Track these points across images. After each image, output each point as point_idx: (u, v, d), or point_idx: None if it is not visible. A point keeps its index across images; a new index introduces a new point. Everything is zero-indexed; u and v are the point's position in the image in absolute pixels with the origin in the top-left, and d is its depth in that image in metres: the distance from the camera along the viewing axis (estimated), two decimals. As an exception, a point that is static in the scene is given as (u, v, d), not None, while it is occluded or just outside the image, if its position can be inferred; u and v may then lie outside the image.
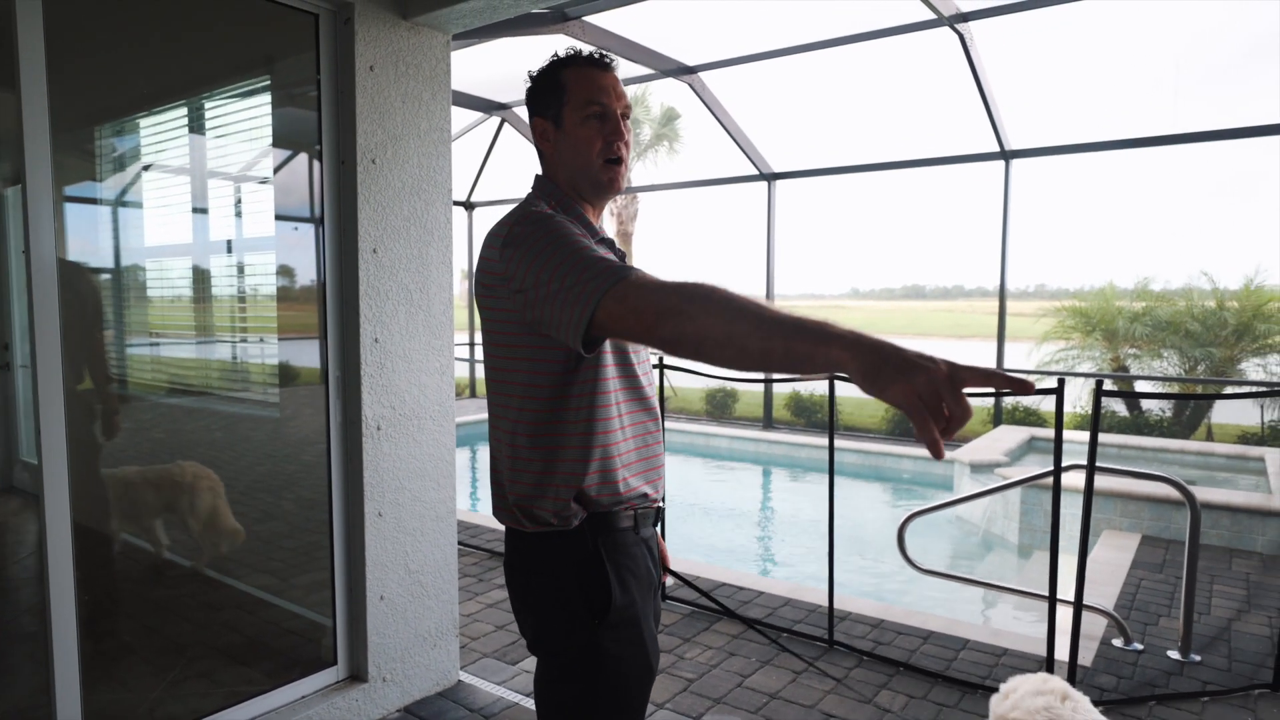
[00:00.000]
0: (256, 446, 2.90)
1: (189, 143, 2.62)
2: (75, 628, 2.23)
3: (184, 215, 2.61)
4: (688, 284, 1.09)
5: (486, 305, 1.39)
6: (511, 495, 1.40)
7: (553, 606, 1.39)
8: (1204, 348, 8.75)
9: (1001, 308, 7.98)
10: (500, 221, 1.40)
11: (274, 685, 2.71)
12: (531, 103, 1.48)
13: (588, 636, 1.36)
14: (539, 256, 1.25)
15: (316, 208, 2.74)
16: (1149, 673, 3.23)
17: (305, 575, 2.91)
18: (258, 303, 2.79)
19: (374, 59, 2.72)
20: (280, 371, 2.86)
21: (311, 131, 2.72)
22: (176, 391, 2.69)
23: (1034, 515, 5.60)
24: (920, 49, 7.27)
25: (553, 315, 1.22)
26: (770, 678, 3.20)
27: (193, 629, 2.71)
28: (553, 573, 1.39)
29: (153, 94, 2.54)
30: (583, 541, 1.38)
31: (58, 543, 2.18)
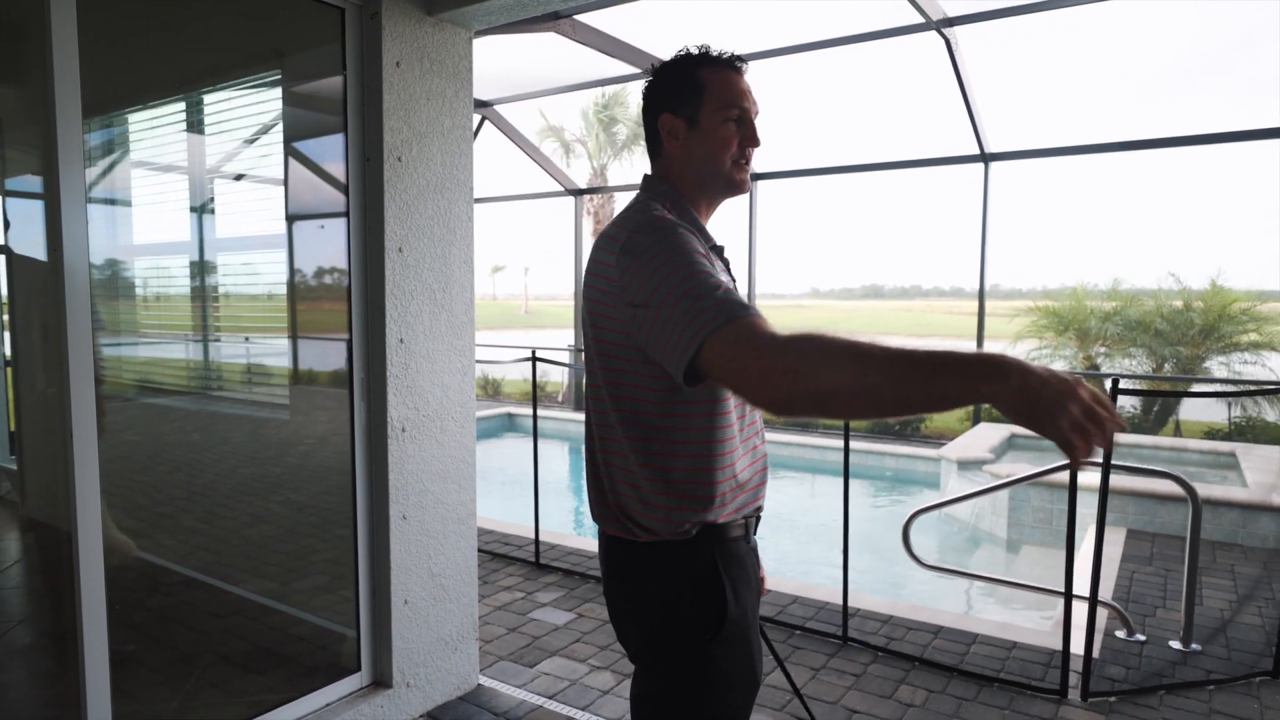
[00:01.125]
0: (268, 449, 2.84)
1: (200, 138, 2.55)
2: (107, 644, 2.16)
3: (197, 212, 2.54)
4: (800, 337, 1.03)
5: (597, 310, 1.33)
6: (621, 504, 1.37)
7: (665, 618, 1.35)
8: (1172, 346, 9.03)
9: (981, 307, 8.13)
10: (618, 224, 1.35)
11: (298, 694, 2.66)
12: (659, 98, 1.42)
13: (700, 649, 1.32)
14: (656, 273, 1.20)
15: (338, 205, 2.69)
16: (1155, 663, 3.32)
17: (319, 580, 2.86)
18: (276, 302, 2.73)
19: (400, 55, 2.68)
20: (296, 373, 2.80)
21: (335, 126, 2.67)
22: (186, 393, 2.61)
23: (1022, 511, 5.72)
24: (904, 53, 7.37)
25: (659, 340, 1.19)
26: (791, 675, 3.22)
27: (208, 639, 2.64)
28: (666, 584, 1.35)
29: (174, 87, 2.47)
30: (698, 552, 1.34)
31: (89, 558, 2.11)
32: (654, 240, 1.24)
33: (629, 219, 1.34)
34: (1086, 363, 9.70)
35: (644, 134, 1.51)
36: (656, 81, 1.44)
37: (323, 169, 2.73)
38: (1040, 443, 7.47)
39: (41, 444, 2.35)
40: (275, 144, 2.66)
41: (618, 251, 1.28)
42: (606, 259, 1.30)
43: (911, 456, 8.10)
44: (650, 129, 1.46)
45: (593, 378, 1.41)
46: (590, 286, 1.36)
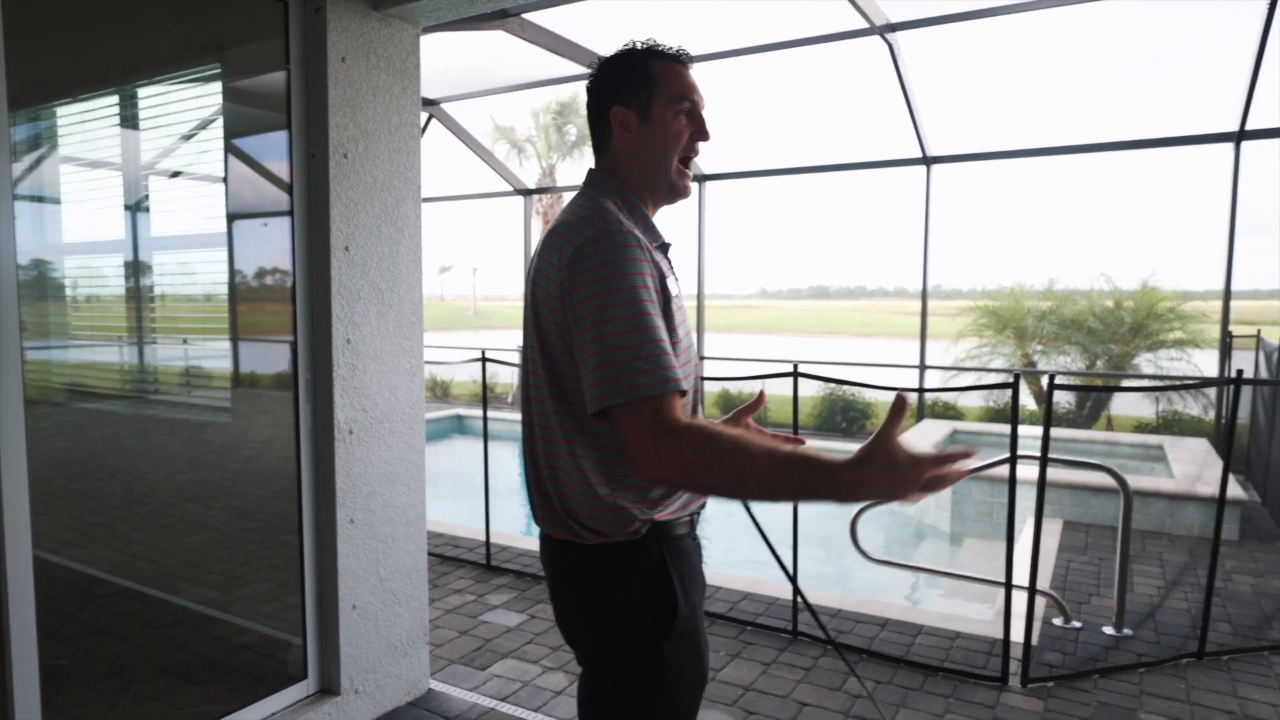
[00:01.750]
0: (209, 454, 2.76)
1: (136, 133, 2.47)
2: (36, 659, 2.08)
3: (133, 210, 2.45)
4: (697, 443, 1.12)
5: (541, 305, 1.32)
6: (567, 506, 1.35)
7: (616, 619, 1.34)
8: (1104, 344, 9.39)
9: (924, 306, 8.33)
10: (572, 224, 1.31)
11: (241, 704, 2.59)
12: (610, 91, 1.40)
13: (652, 648, 1.32)
14: (599, 299, 1.20)
15: (282, 202, 2.63)
16: (1089, 648, 3.45)
17: (264, 586, 2.79)
18: (216, 302, 2.66)
19: (345, 50, 2.63)
20: (238, 375, 2.73)
21: (278, 123, 2.62)
22: (122, 397, 2.53)
23: (964, 505, 5.88)
24: (849, 57, 7.51)
25: (583, 366, 1.23)
26: (741, 670, 3.26)
27: (147, 651, 2.56)
28: (616, 585, 1.34)
29: (109, 79, 2.39)
30: (647, 551, 1.34)
31: (18, 570, 2.03)
32: (605, 261, 1.22)
33: (584, 221, 1.29)
34: (1024, 360, 10.02)
35: (590, 122, 1.48)
36: (606, 74, 1.42)
37: (265, 166, 2.67)
38: (980, 438, 7.68)
39: None
40: (216, 140, 2.59)
41: (570, 256, 1.26)
42: (555, 259, 1.29)
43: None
44: (600, 122, 1.43)
45: (534, 375, 1.38)
46: (537, 282, 1.34)
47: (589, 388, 1.20)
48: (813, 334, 48.17)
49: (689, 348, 1.35)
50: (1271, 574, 4.43)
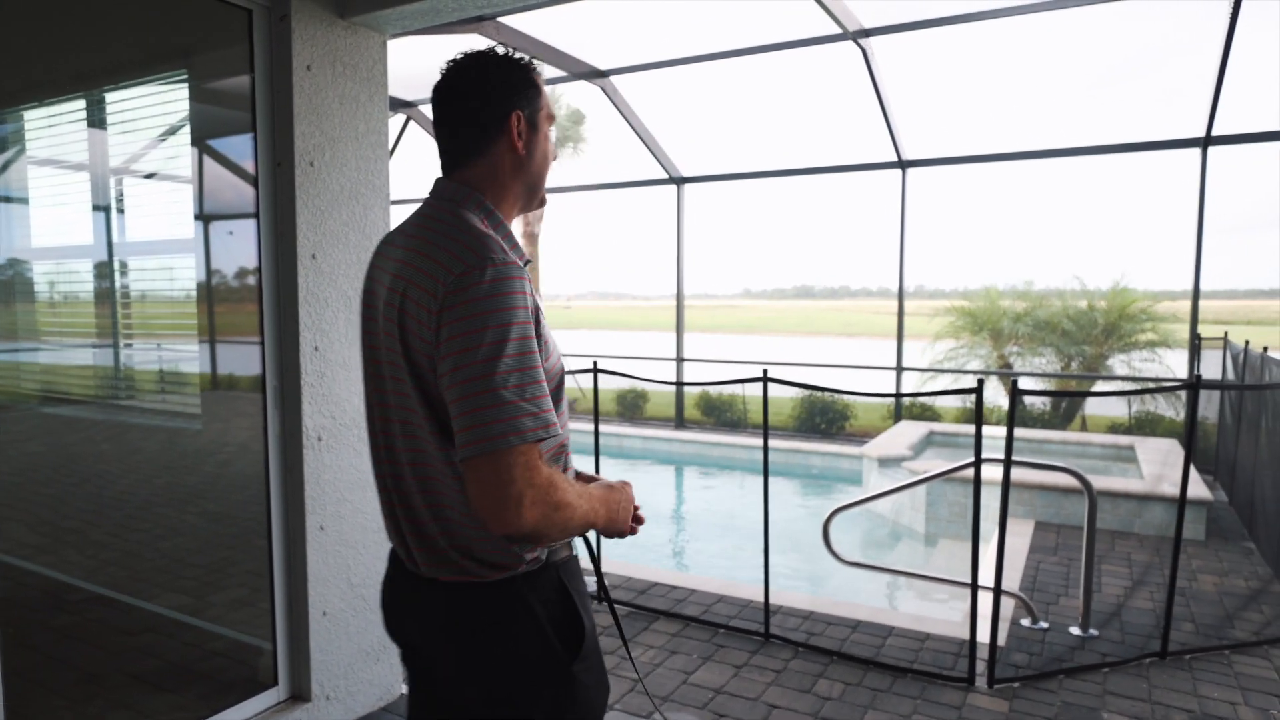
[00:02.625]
0: (174, 458, 2.75)
1: (102, 136, 2.46)
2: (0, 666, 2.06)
3: (98, 213, 2.45)
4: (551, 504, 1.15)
5: (412, 334, 1.20)
6: (459, 543, 1.25)
7: (523, 655, 1.26)
8: (1077, 345, 9.51)
9: (900, 309, 8.40)
10: (446, 245, 1.20)
11: (211, 711, 2.58)
12: (510, 92, 1.29)
13: (565, 674, 1.27)
14: (484, 336, 1.12)
15: (249, 209, 2.63)
16: (1055, 648, 3.50)
17: (235, 593, 2.79)
18: (183, 306, 2.65)
19: (311, 58, 2.64)
20: (214, 378, 2.73)
21: (242, 130, 2.61)
22: (90, 401, 2.52)
23: (939, 506, 5.94)
24: (825, 61, 7.56)
25: (454, 404, 1.14)
26: (713, 673, 3.28)
27: (116, 658, 2.55)
28: (520, 617, 1.26)
29: (65, 83, 2.38)
30: (550, 577, 1.30)
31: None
32: (494, 292, 1.14)
33: (467, 247, 1.18)
34: (1000, 361, 10.13)
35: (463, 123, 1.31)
36: (504, 74, 1.30)
37: (231, 172, 2.67)
38: (955, 439, 7.76)
39: None
40: (182, 146, 2.58)
41: (451, 284, 1.15)
42: (430, 283, 1.17)
43: (835, 455, 8.32)
44: (489, 123, 1.29)
45: (400, 407, 1.26)
46: (405, 307, 1.21)
47: (462, 429, 1.12)
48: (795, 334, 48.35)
49: (556, 350, 1.32)
50: (1235, 573, 4.51)
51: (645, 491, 9.03)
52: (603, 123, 14.10)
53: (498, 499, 1.11)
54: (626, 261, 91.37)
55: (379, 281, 1.31)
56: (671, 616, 3.85)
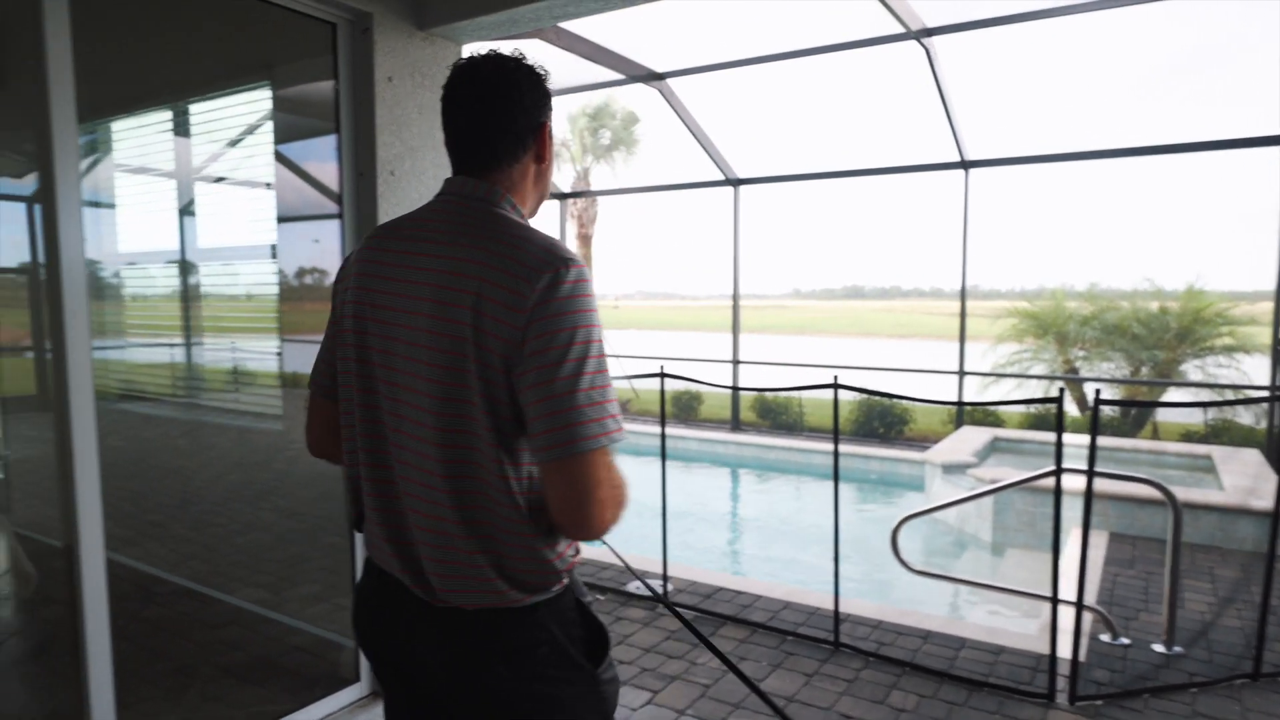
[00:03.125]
0: (249, 455, 2.83)
1: (190, 144, 2.55)
2: (110, 658, 2.15)
3: (186, 218, 2.53)
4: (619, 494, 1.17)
5: (491, 322, 1.13)
6: (502, 564, 1.20)
7: (553, 677, 1.23)
8: (1149, 350, 9.18)
9: (963, 311, 8.23)
10: (529, 237, 1.19)
11: (298, 705, 2.65)
12: (543, 103, 1.30)
13: (595, 685, 1.28)
14: (574, 336, 1.12)
15: (329, 214, 2.70)
16: (1139, 666, 3.38)
17: (304, 588, 2.86)
18: (264, 307, 2.73)
19: (392, 70, 2.69)
20: (284, 378, 2.80)
21: (326, 141, 2.68)
22: (170, 400, 2.60)
23: (1005, 515, 5.80)
24: (885, 61, 7.45)
25: (543, 407, 1.11)
26: (784, 681, 3.25)
27: (204, 649, 2.64)
28: (547, 643, 1.23)
29: (161, 96, 2.47)
30: (568, 599, 1.28)
31: (91, 570, 2.10)
32: (577, 294, 1.14)
33: (546, 249, 1.17)
34: (1066, 366, 9.84)
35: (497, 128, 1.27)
36: (533, 82, 1.29)
37: (314, 180, 2.73)
38: (1021, 446, 7.57)
39: (26, 454, 2.33)
40: (267, 155, 2.66)
41: (546, 281, 1.13)
42: (512, 281, 1.13)
43: (895, 460, 8.18)
44: (525, 130, 1.28)
45: (453, 414, 1.17)
46: (481, 307, 1.14)
47: (560, 429, 1.11)
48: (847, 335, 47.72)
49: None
50: (1328, 589, 4.31)
51: (703, 494, 9.03)
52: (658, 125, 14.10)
53: (583, 499, 1.12)
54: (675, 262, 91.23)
55: (405, 286, 1.22)
56: (738, 622, 3.83)
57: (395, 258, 1.25)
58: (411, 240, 1.25)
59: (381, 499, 1.27)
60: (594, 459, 1.12)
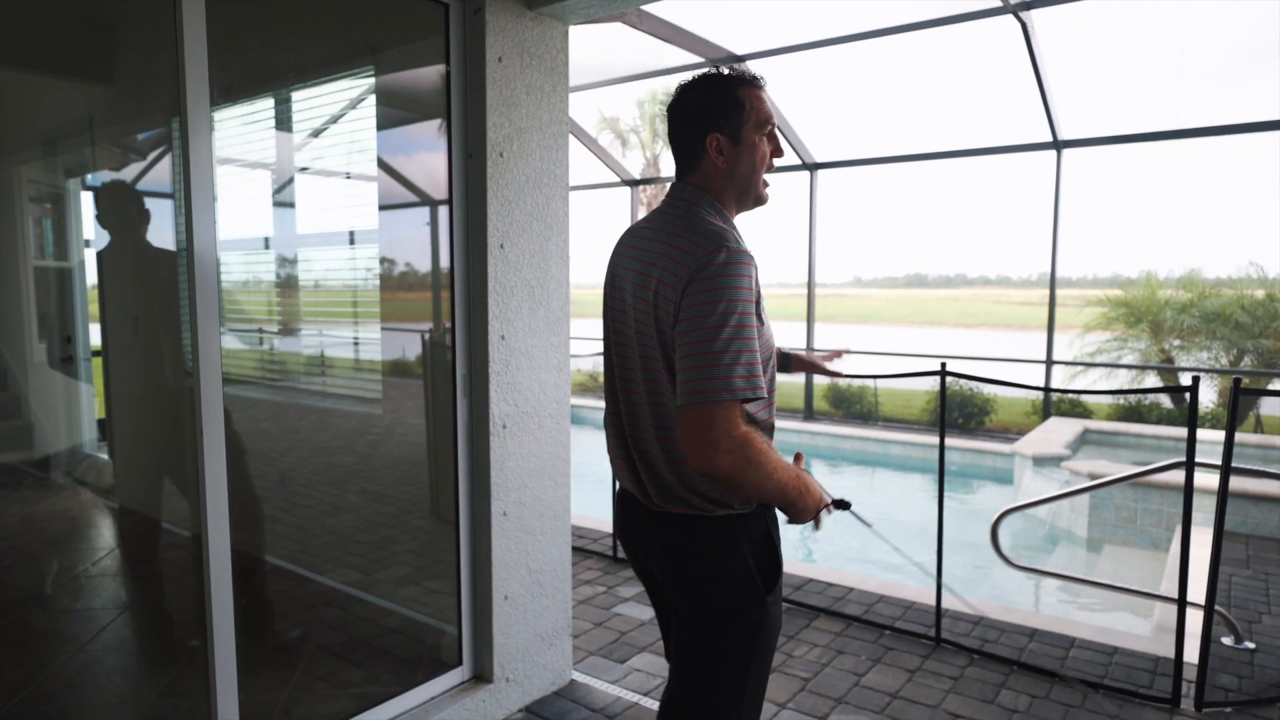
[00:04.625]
0: (354, 439, 2.85)
1: (299, 132, 2.57)
2: (234, 640, 2.20)
3: (284, 205, 2.55)
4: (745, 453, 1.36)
5: (663, 308, 1.47)
6: (690, 484, 1.53)
7: (733, 583, 1.54)
8: (1254, 339, 8.68)
9: (1051, 299, 7.92)
10: (701, 228, 1.48)
11: (402, 688, 2.68)
12: (707, 117, 1.55)
13: (761, 603, 1.55)
14: (715, 307, 1.38)
15: (436, 199, 2.70)
16: (1268, 673, 3.20)
17: (395, 570, 2.88)
18: (369, 295, 2.75)
19: (502, 50, 2.66)
20: (384, 364, 2.82)
21: (435, 123, 2.67)
22: (279, 386, 2.64)
23: (1104, 509, 5.56)
24: (975, 39, 7.18)
25: (681, 359, 1.41)
26: (885, 676, 3.17)
27: (306, 629, 2.69)
28: (732, 551, 1.54)
29: (274, 80, 2.49)
30: (759, 522, 1.57)
31: (218, 556, 2.15)
32: (728, 272, 1.40)
33: (710, 236, 1.46)
34: (1161, 356, 9.40)
35: (678, 143, 1.62)
36: (699, 100, 1.56)
37: (425, 164, 2.74)
38: (1114, 438, 7.26)
39: (132, 434, 2.40)
40: (376, 139, 2.67)
41: (699, 264, 1.42)
42: (677, 268, 1.44)
43: (979, 451, 7.94)
44: (693, 143, 1.57)
45: (648, 370, 1.54)
46: (659, 291, 1.48)
47: (684, 381, 1.39)
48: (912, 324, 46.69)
49: (770, 334, 1.55)
50: None
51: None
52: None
53: (701, 441, 1.36)
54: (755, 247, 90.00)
55: (627, 269, 1.61)
56: (832, 615, 3.75)
57: (623, 249, 1.65)
58: (634, 234, 1.63)
59: (617, 432, 1.66)
60: (713, 409, 1.36)
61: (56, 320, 2.27)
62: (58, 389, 2.34)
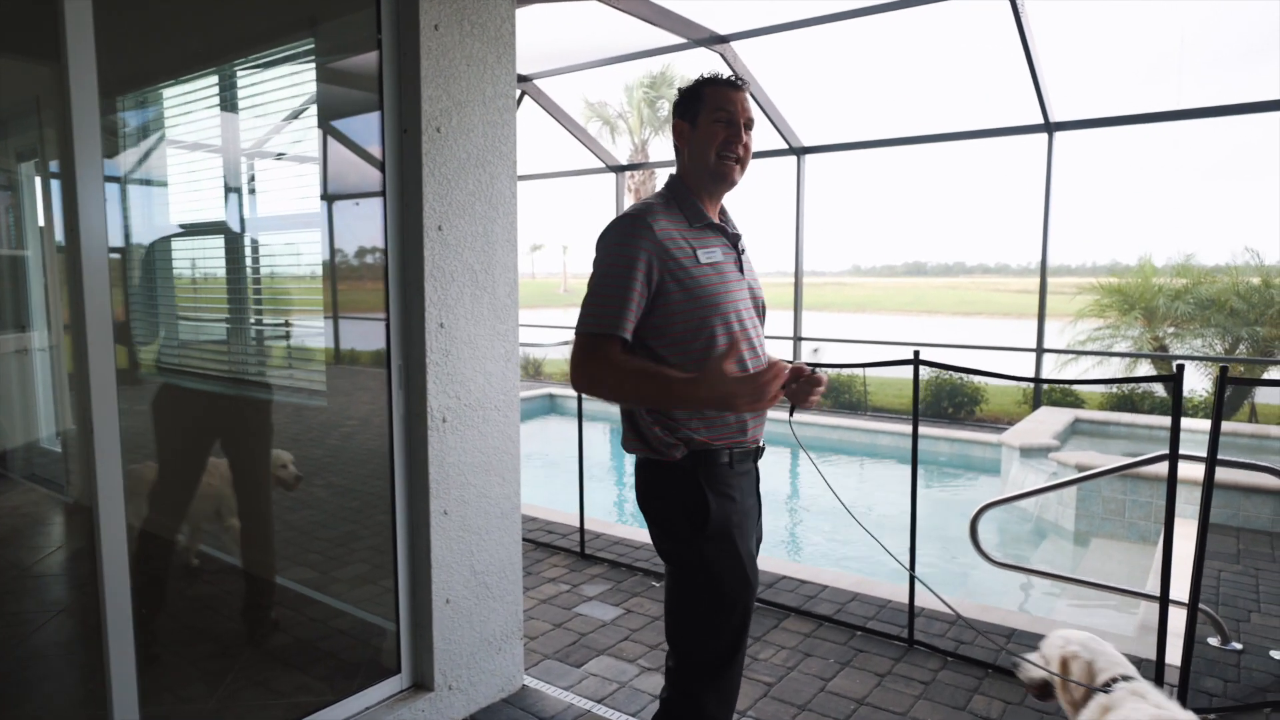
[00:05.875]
0: (299, 432, 2.70)
1: (227, 112, 2.39)
2: (132, 635, 2.04)
3: (219, 189, 2.38)
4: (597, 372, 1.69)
5: None
6: (639, 430, 1.79)
7: (668, 527, 1.80)
8: (1249, 326, 8.51)
9: (1042, 286, 7.75)
10: (631, 207, 1.79)
11: (337, 696, 2.52)
12: (676, 110, 1.85)
13: (693, 548, 1.76)
14: (598, 262, 1.74)
15: (374, 180, 2.52)
16: (1256, 676, 3.05)
17: (353, 568, 2.73)
18: (308, 282, 2.58)
19: (439, 17, 2.48)
20: (327, 354, 2.65)
21: (369, 98, 2.49)
22: (208, 376, 2.47)
23: (1091, 502, 5.41)
24: (963, 18, 6.98)
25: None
26: (853, 681, 3.02)
27: (241, 631, 2.54)
28: (668, 496, 1.79)
29: (190, 59, 2.31)
30: (689, 471, 1.75)
31: (112, 545, 1.98)
32: (609, 235, 1.74)
33: (627, 210, 1.79)
34: (1154, 343, 9.23)
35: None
36: (677, 99, 1.86)
37: (357, 143, 2.56)
38: (1105, 429, 7.11)
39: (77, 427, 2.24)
40: (308, 117, 2.49)
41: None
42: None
43: (968, 441, 7.79)
44: (673, 134, 1.88)
45: None
46: None
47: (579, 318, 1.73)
48: (909, 313, 46.48)
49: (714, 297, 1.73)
50: None
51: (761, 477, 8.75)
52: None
53: (571, 364, 1.74)
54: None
55: None
56: (803, 615, 3.60)
57: None
58: None
59: None
60: (578, 339, 1.72)
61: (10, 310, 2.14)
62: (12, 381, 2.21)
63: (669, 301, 1.69)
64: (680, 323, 1.71)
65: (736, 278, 1.80)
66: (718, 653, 1.79)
